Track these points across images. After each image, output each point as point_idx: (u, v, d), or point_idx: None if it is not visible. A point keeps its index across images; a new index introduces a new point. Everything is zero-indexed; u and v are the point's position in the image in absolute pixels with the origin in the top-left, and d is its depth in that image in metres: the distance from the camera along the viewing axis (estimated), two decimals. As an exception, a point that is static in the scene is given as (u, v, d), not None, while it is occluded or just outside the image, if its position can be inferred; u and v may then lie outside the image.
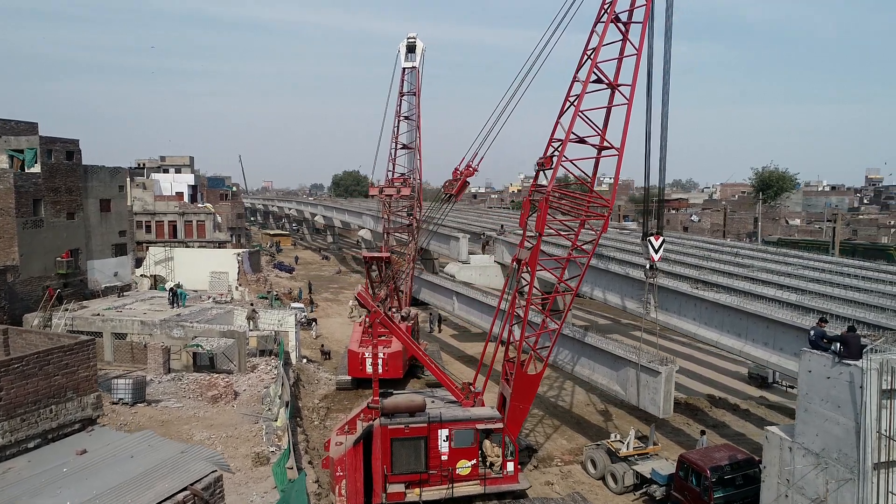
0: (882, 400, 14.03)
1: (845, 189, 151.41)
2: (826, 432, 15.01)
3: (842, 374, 14.56)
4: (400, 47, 44.69)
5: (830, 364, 14.86)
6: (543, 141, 21.81)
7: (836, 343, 14.69)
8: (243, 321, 37.93)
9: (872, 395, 13.96)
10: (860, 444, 14.12)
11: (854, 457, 14.29)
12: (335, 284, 75.69)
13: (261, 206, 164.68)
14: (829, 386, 14.90)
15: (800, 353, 16.03)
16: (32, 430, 11.12)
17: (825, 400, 15.01)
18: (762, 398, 35.04)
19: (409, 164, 44.13)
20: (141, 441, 11.43)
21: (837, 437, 14.71)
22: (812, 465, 15.27)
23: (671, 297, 25.45)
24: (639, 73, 21.28)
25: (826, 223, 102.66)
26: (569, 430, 30.19)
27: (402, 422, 20.62)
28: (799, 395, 15.96)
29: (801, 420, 15.78)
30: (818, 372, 15.21)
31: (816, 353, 15.39)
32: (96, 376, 12.26)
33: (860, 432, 14.10)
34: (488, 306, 36.46)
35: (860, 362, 14.23)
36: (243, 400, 29.36)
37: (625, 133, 21.37)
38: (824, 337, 15.38)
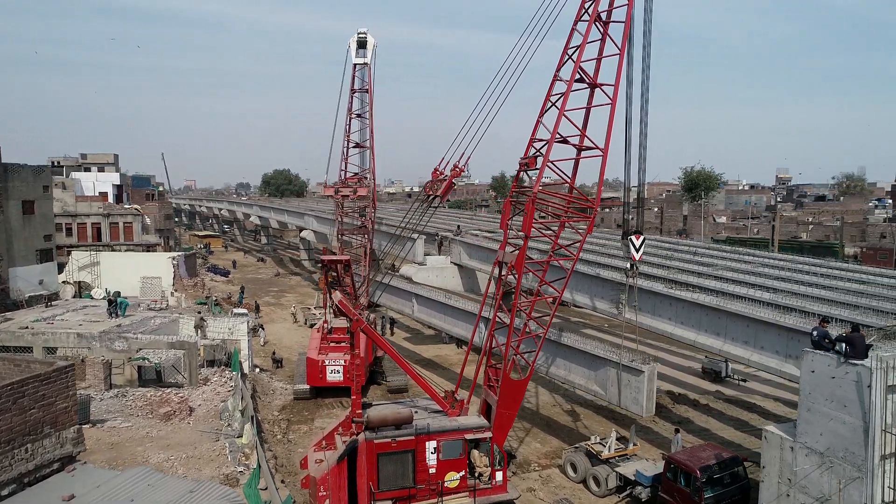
0: (888, 395, 14.26)
1: (762, 188, 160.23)
2: (831, 431, 15.18)
3: (848, 373, 14.74)
4: (350, 43, 43.27)
5: (836, 364, 15.02)
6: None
7: (841, 344, 14.83)
8: (191, 330, 35.61)
9: (880, 393, 14.17)
10: (868, 443, 14.32)
11: (862, 455, 14.49)
12: (275, 287, 73.03)
13: (186, 206, 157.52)
14: (834, 386, 15.06)
15: (801, 354, 16.16)
16: (6, 475, 9.45)
17: (830, 399, 15.17)
18: (718, 392, 35.98)
19: (363, 163, 42.85)
20: (137, 480, 9.98)
21: (843, 436, 14.89)
22: (816, 465, 15.41)
23: (645, 296, 25.52)
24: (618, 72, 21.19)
25: (750, 220, 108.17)
26: (540, 432, 29.90)
27: (389, 435, 19.58)
28: (801, 395, 16.10)
29: (804, 419, 15.92)
30: (822, 372, 15.36)
31: (820, 353, 15.54)
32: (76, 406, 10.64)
33: (868, 431, 14.30)
34: (450, 307, 35.75)
35: (867, 362, 14.43)
36: (200, 416, 27.37)
37: (609, 133, 21.11)
38: (827, 337, 15.55)
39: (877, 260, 64.62)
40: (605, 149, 21.13)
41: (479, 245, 40.01)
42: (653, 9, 22.33)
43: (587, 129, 22.07)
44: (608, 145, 21.14)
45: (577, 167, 22.50)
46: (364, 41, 43.01)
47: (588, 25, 20.86)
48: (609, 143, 21.15)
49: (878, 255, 67.64)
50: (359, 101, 42.69)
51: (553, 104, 21.60)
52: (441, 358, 43.23)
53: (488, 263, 39.10)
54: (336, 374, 33.56)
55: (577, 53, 21.05)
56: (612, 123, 21.09)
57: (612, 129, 21.11)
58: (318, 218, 69.13)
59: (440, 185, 21.29)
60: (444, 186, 21.09)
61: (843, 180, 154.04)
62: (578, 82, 21.42)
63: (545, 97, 21.83)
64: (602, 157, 21.23)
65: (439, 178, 21.63)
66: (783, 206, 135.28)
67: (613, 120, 21.07)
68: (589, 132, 21.96)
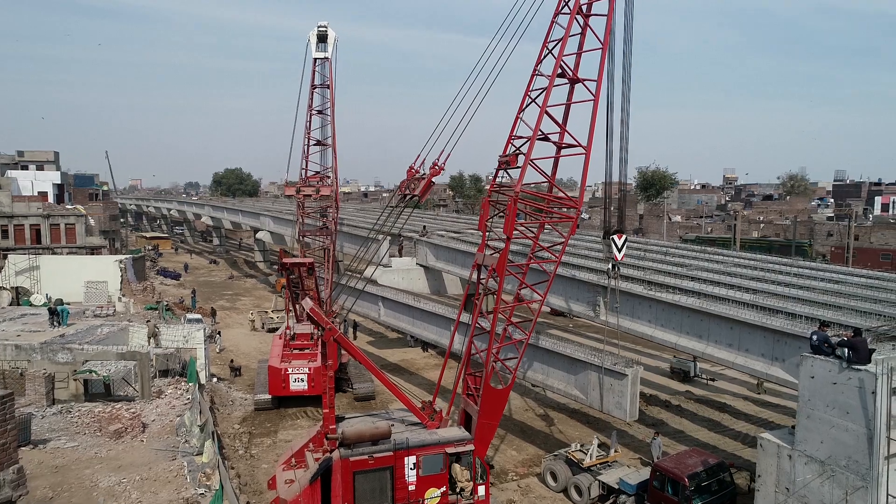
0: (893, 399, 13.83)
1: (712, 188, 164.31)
2: (833, 439, 14.69)
3: (850, 379, 14.26)
4: (310, 37, 41.56)
5: (837, 369, 14.52)
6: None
7: (844, 349, 14.33)
8: (142, 339, 33.38)
9: (885, 399, 13.72)
10: (873, 451, 13.85)
11: (866, 464, 14.02)
12: (229, 291, 70.27)
13: (132, 206, 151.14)
14: (835, 392, 14.57)
15: (800, 359, 15.63)
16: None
17: (831, 406, 14.67)
18: (688, 392, 35.88)
19: (325, 162, 41.18)
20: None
21: (846, 443, 14.41)
22: (816, 474, 14.91)
23: (624, 298, 24.88)
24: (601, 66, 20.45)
25: (702, 219, 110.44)
26: (515, 439, 29.02)
27: (366, 452, 18.27)
28: (800, 402, 15.59)
29: (803, 427, 15.40)
30: (823, 377, 14.86)
31: (820, 358, 15.03)
32: (16, 442, 9.03)
33: (873, 438, 13.83)
34: (419, 311, 34.57)
35: (871, 367, 13.96)
36: (154, 432, 25.42)
37: (592, 130, 20.31)
38: (827, 341, 15.06)
39: (844, 258, 66.32)
40: (588, 146, 20.32)
41: (445, 246, 38.93)
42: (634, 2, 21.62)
43: (567, 125, 21.33)
44: (591, 142, 20.34)
45: (556, 165, 21.71)
46: (324, 35, 41.36)
47: (570, 19, 20.04)
48: (592, 139, 20.37)
49: (845, 253, 69.24)
50: (320, 97, 41.03)
51: (533, 100, 20.73)
52: (407, 362, 42.00)
53: (455, 265, 38.12)
54: (300, 382, 31.96)
55: (559, 48, 20.20)
56: (595, 120, 20.33)
57: (595, 125, 20.36)
58: (275, 218, 66.79)
59: (417, 183, 20.07)
60: (422, 185, 19.88)
61: (787, 180, 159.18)
62: (559, 77, 20.60)
63: (524, 92, 20.94)
64: (585, 155, 20.42)
65: (415, 176, 20.40)
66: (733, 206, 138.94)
67: (597, 116, 20.34)
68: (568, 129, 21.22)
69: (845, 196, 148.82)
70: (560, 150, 21.43)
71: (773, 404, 33.58)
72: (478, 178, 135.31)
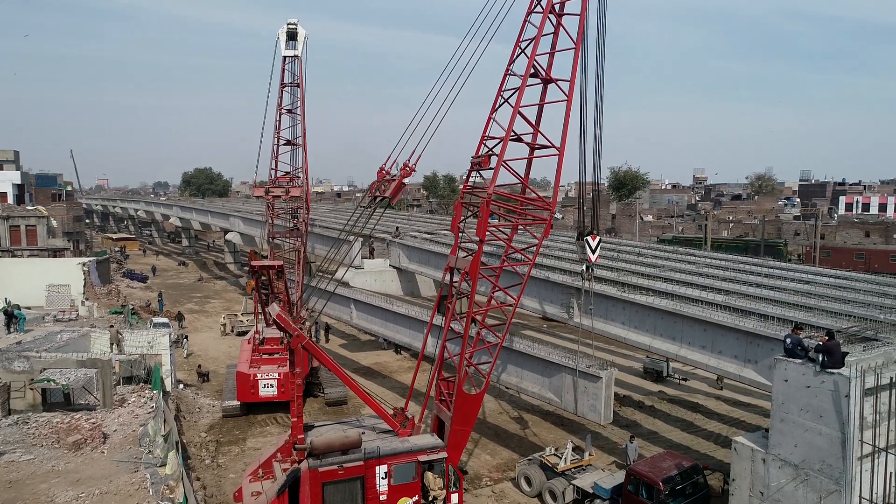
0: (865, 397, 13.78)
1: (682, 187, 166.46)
2: (806, 443, 14.60)
3: (824, 382, 14.18)
4: (279, 34, 40.74)
5: (811, 373, 14.44)
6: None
7: (819, 353, 14.22)
8: (104, 345, 32.27)
9: (858, 403, 13.66)
10: (846, 455, 13.79)
11: (840, 467, 13.95)
12: (198, 293, 68.78)
13: (99, 206, 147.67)
14: (809, 395, 14.49)
15: (773, 362, 15.53)
16: None
17: (805, 410, 14.59)
18: (661, 392, 35.98)
19: (295, 162, 40.40)
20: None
21: (820, 447, 14.33)
22: (790, 477, 14.82)
23: (597, 300, 24.68)
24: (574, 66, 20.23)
25: (673, 219, 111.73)
26: (489, 442, 28.69)
27: (335, 461, 17.74)
28: (773, 405, 15.49)
29: (777, 430, 15.31)
30: (796, 381, 14.77)
31: (794, 361, 14.94)
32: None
33: (846, 442, 13.76)
34: (392, 313, 34.04)
35: (844, 370, 13.90)
36: (115, 443, 24.43)
37: (565, 130, 20.03)
38: (800, 345, 14.97)
39: (820, 259, 67.26)
40: (561, 147, 20.06)
41: (418, 247, 38.48)
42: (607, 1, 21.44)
43: (540, 125, 21.09)
44: (565, 142, 20.08)
45: (530, 166, 21.42)
46: (294, 32, 40.58)
47: (542, 18, 19.75)
48: (565, 140, 20.10)
49: (820, 253, 70.21)
50: (289, 95, 40.25)
51: (506, 100, 20.42)
52: (380, 365, 41.44)
53: (428, 266, 37.68)
54: (269, 388, 31.22)
55: (532, 47, 19.90)
56: (568, 120, 20.06)
57: (568, 126, 20.09)
58: (245, 219, 65.54)
59: (387, 185, 19.58)
60: (392, 187, 19.39)
61: (755, 180, 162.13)
62: (532, 77, 20.31)
63: (497, 92, 20.62)
64: (558, 156, 20.15)
65: (385, 178, 19.90)
66: (703, 205, 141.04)
67: (570, 117, 20.08)
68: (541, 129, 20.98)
69: (811, 196, 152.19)
70: (533, 151, 21.15)
71: (744, 403, 33.83)
72: (452, 178, 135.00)
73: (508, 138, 19.60)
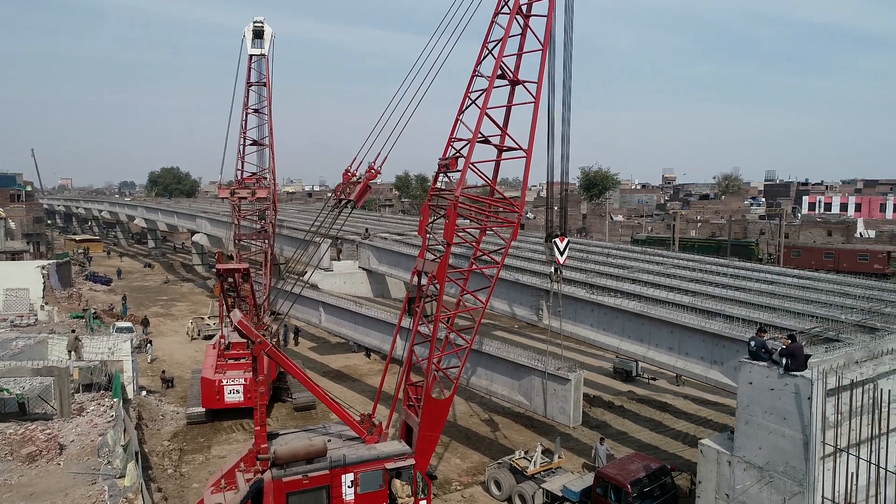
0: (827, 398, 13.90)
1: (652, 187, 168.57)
2: (771, 445, 14.69)
3: (787, 385, 14.27)
4: (245, 32, 39.97)
5: (775, 375, 14.52)
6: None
7: (784, 357, 14.30)
8: (62, 352, 31.23)
9: (820, 405, 13.76)
10: (809, 457, 13.88)
11: (803, 469, 14.04)
12: (164, 296, 67.30)
13: (61, 207, 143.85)
14: (773, 398, 14.57)
15: (738, 365, 15.59)
16: None
17: (769, 412, 14.67)
18: (630, 392, 36.20)
19: (262, 162, 39.67)
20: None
21: (784, 449, 14.42)
22: (755, 479, 14.89)
23: (566, 302, 24.66)
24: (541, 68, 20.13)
25: (643, 218, 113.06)
26: (459, 446, 28.48)
27: (300, 471, 17.33)
28: (738, 408, 15.55)
29: (742, 433, 15.37)
30: (760, 383, 14.85)
31: (758, 364, 15.02)
32: None
33: (809, 444, 13.86)
34: (361, 316, 33.63)
35: (807, 373, 14.00)
36: (72, 454, 23.61)
37: (532, 132, 19.93)
38: (764, 347, 15.05)
39: (791, 258, 68.35)
40: (529, 149, 19.93)
41: (388, 249, 38.14)
42: (574, 2, 21.38)
43: (508, 127, 20.96)
44: (532, 145, 19.96)
45: (497, 168, 21.28)
46: (261, 30, 39.85)
47: (509, 19, 19.60)
48: (533, 142, 19.99)
49: (791, 252, 71.24)
50: (256, 95, 39.51)
51: (473, 101, 20.23)
52: (350, 368, 40.96)
53: (398, 268, 37.36)
54: (235, 394, 30.55)
55: (499, 48, 19.75)
56: (535, 122, 19.97)
57: (535, 128, 19.99)
58: (212, 220, 64.30)
59: (353, 188, 19.21)
60: (357, 190, 19.03)
61: (722, 180, 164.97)
62: (500, 78, 20.16)
63: (464, 93, 20.42)
64: (526, 158, 20.02)
65: (351, 180, 19.53)
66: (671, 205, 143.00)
67: (537, 118, 19.98)
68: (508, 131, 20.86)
69: (776, 195, 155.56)
70: (501, 154, 21.01)
71: (711, 402, 34.21)
72: (424, 177, 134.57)
73: (476, 140, 19.40)
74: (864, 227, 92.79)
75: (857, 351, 16.57)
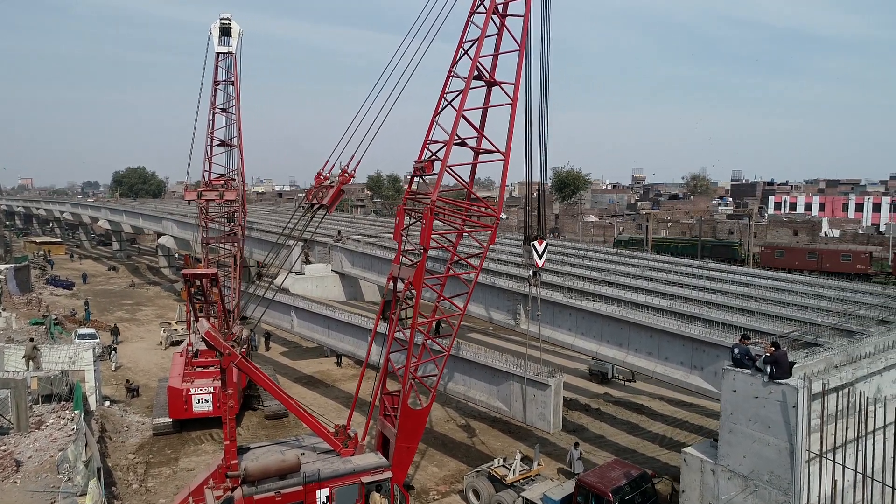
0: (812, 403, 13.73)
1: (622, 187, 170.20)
2: (755, 454, 14.48)
3: (772, 393, 14.07)
4: (211, 29, 38.83)
5: (759, 383, 14.30)
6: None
7: (768, 364, 14.07)
8: (19, 362, 29.86)
9: (805, 413, 13.58)
10: (794, 465, 13.69)
11: (788, 478, 13.85)
12: (129, 300, 65.37)
13: (20, 208, 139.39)
14: (757, 406, 14.36)
15: (722, 372, 15.36)
16: None
17: (753, 420, 14.46)
18: (607, 394, 36.11)
19: (230, 163, 38.57)
20: None
21: (768, 458, 14.22)
22: (739, 489, 14.68)
23: (544, 306, 24.26)
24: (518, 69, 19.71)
25: (614, 218, 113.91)
26: (436, 453, 27.95)
27: (272, 487, 16.63)
28: (722, 416, 15.32)
29: (726, 441, 15.14)
30: (744, 391, 14.63)
31: (742, 371, 14.80)
32: None
33: (794, 453, 13.67)
34: (335, 321, 32.85)
35: (791, 380, 13.80)
36: (30, 471, 22.45)
37: (510, 135, 19.54)
38: (748, 354, 14.83)
39: (773, 258, 68.73)
40: (506, 152, 19.52)
41: (361, 252, 37.41)
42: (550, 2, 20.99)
43: (484, 129, 20.52)
44: (510, 148, 19.56)
45: (474, 171, 20.84)
46: (228, 28, 38.75)
47: (486, 18, 19.14)
48: (511, 145, 19.57)
49: (774, 252, 71.56)
50: (223, 94, 38.40)
51: (449, 103, 19.72)
52: (323, 374, 40.13)
53: (371, 271, 36.65)
54: (204, 403, 29.55)
55: (476, 49, 19.28)
56: (513, 124, 19.57)
57: (513, 130, 19.58)
58: (180, 223, 62.61)
59: (325, 192, 18.53)
60: (331, 194, 18.36)
61: (690, 180, 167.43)
62: (476, 79, 19.69)
63: (440, 95, 19.90)
64: (504, 160, 19.60)
65: (323, 183, 18.85)
66: (642, 205, 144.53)
67: (515, 120, 19.57)
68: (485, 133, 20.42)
69: (742, 195, 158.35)
70: (478, 156, 20.58)
71: (686, 403, 34.27)
72: (396, 178, 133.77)
73: (452, 143, 18.89)
74: (829, 227, 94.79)
75: (836, 355, 16.49)
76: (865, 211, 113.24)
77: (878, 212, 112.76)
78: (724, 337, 18.82)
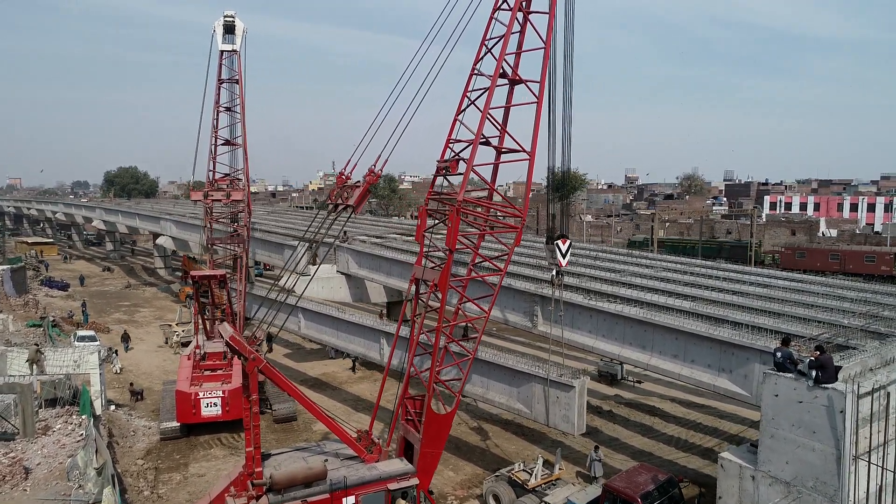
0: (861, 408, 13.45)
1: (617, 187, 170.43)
2: (798, 460, 14.18)
3: (817, 398, 13.77)
4: (215, 27, 38.37)
5: (804, 388, 14.01)
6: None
7: (814, 369, 13.77)
8: (23, 366, 29.16)
9: (853, 418, 13.30)
10: (841, 472, 13.41)
11: (835, 485, 13.57)
12: (126, 302, 64.52)
13: (11, 208, 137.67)
14: (801, 411, 14.06)
15: (763, 377, 15.06)
16: None
17: (797, 426, 14.16)
18: (617, 396, 35.84)
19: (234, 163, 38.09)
20: None
21: (813, 464, 13.93)
22: (781, 495, 14.38)
23: (565, 308, 23.93)
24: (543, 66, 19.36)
25: (611, 218, 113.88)
26: (451, 456, 27.53)
27: (299, 496, 16.17)
28: (763, 421, 15.02)
29: (767, 447, 14.84)
30: (787, 396, 14.33)
31: (784, 376, 14.49)
32: None
33: (841, 459, 13.38)
34: (344, 322, 32.40)
35: (839, 385, 13.52)
36: (39, 478, 21.83)
37: (535, 133, 19.16)
38: (790, 358, 14.54)
39: (795, 259, 67.53)
40: (532, 151, 19.15)
41: (368, 253, 36.89)
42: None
43: (507, 128, 20.15)
44: (535, 147, 19.19)
45: (496, 171, 20.44)
46: (231, 25, 38.31)
47: (512, 14, 18.79)
48: (536, 144, 19.21)
49: (795, 253, 70.09)
50: (227, 92, 37.93)
51: (472, 102, 19.36)
52: (329, 376, 39.61)
53: (379, 272, 36.16)
54: (213, 407, 29.04)
55: (501, 46, 18.91)
56: (538, 122, 19.20)
57: (538, 128, 19.22)
58: (179, 223, 61.77)
59: (350, 192, 18.08)
60: (357, 194, 17.91)
61: (684, 180, 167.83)
62: (500, 77, 19.32)
63: (462, 93, 19.54)
64: (529, 160, 19.23)
65: (346, 183, 18.41)
66: (637, 205, 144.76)
67: (540, 118, 19.20)
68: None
69: (737, 195, 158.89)
70: (500, 156, 20.19)
71: (697, 404, 34.06)
72: (392, 178, 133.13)
73: (478, 142, 18.51)
74: (826, 227, 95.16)
75: (870, 358, 16.27)
76: (860, 211, 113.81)
77: (871, 212, 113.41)
78: (754, 339, 18.52)
